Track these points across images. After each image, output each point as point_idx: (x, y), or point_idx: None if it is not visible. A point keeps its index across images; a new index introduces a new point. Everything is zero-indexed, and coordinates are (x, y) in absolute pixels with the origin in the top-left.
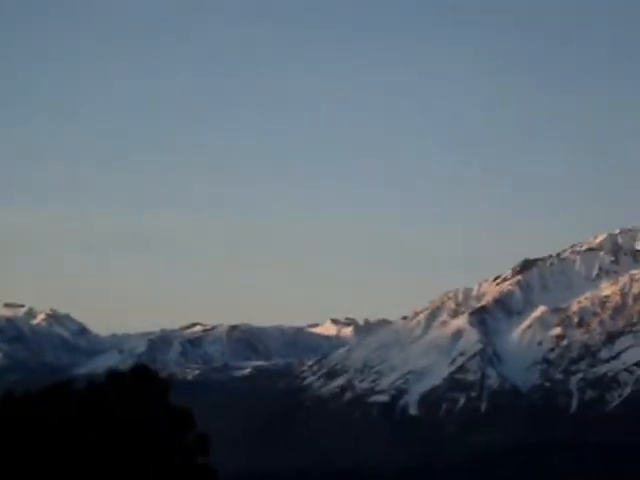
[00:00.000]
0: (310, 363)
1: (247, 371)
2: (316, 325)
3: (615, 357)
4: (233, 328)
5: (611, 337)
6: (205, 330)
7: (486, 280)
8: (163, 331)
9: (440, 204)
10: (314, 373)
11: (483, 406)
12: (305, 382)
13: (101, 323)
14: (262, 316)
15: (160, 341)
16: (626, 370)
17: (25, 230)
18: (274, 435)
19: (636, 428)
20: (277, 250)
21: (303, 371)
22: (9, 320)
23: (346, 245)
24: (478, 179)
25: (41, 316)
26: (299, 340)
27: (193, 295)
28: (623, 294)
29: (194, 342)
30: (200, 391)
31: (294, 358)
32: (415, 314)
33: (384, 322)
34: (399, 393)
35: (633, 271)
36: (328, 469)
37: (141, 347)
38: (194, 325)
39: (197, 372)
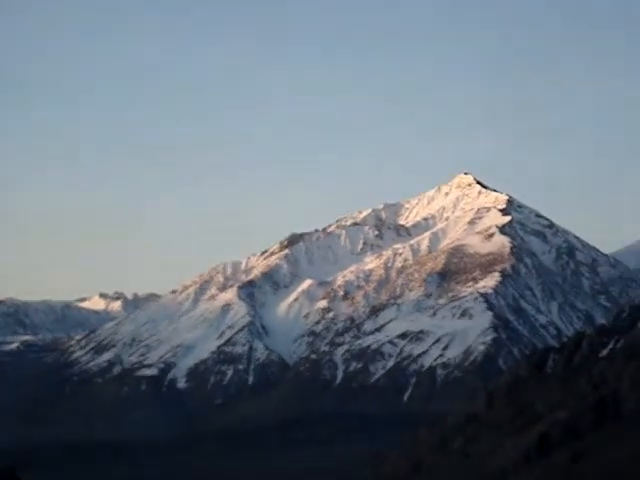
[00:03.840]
0: (78, 337)
1: (14, 346)
2: (84, 299)
3: (379, 329)
4: None
5: (375, 310)
6: None
7: (254, 254)
8: None
9: (206, 176)
10: (82, 347)
11: (250, 378)
12: (73, 356)
13: None
14: (29, 291)
15: None
16: (389, 342)
17: None
18: (42, 409)
19: (398, 398)
20: (44, 224)
21: (71, 345)
22: None
23: (112, 218)
24: (254, 157)
25: None
26: (67, 314)
27: None
28: (387, 268)
29: None
30: None
31: (62, 332)
32: (184, 288)
33: (153, 296)
34: (167, 366)
35: (396, 245)
36: (97, 442)
37: None
38: None
39: None
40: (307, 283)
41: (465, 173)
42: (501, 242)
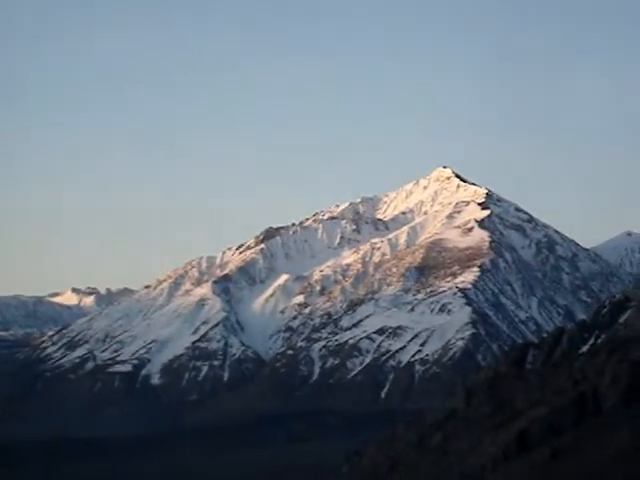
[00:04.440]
0: (50, 333)
1: None
2: (57, 294)
3: (356, 325)
4: None
5: (352, 305)
6: None
7: (229, 248)
8: None
9: (180, 169)
10: (54, 343)
11: (226, 375)
12: (45, 352)
13: None
14: (0, 285)
15: None
16: (367, 338)
17: None
18: (14, 406)
19: (375, 394)
20: (15, 218)
21: (43, 341)
22: None
23: (85, 212)
24: (229, 150)
25: None
26: (39, 310)
27: None
28: (364, 262)
29: None
30: None
31: (34, 328)
32: (158, 283)
33: (126, 291)
34: (141, 362)
35: (374, 239)
36: (70, 439)
37: None
38: None
39: None
40: (283, 278)
41: (444, 166)
42: (480, 236)
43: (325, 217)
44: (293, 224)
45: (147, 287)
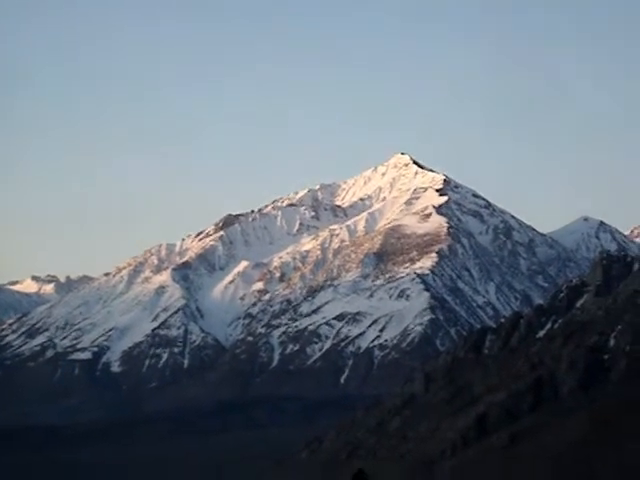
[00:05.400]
0: (10, 321)
1: None
2: (16, 282)
3: (315, 311)
4: None
5: (312, 291)
6: None
7: (189, 236)
8: None
9: (139, 158)
10: (14, 331)
11: (186, 361)
12: (5, 340)
13: None
14: None
15: None
16: (326, 324)
17: None
18: None
19: (335, 380)
20: None
21: (3, 329)
22: None
23: (44, 200)
24: (189, 137)
25: None
26: None
27: None
28: (323, 249)
29: None
30: None
31: None
32: (118, 270)
33: (86, 279)
34: (101, 350)
35: (333, 226)
36: (31, 427)
37: None
38: None
39: None
40: (243, 265)
41: (402, 153)
42: (438, 222)
43: (284, 204)
44: (252, 211)
45: (107, 275)
